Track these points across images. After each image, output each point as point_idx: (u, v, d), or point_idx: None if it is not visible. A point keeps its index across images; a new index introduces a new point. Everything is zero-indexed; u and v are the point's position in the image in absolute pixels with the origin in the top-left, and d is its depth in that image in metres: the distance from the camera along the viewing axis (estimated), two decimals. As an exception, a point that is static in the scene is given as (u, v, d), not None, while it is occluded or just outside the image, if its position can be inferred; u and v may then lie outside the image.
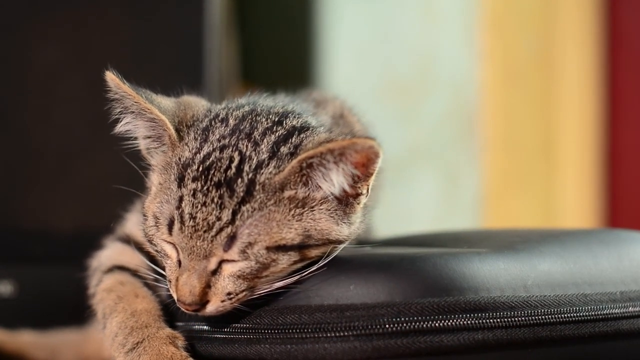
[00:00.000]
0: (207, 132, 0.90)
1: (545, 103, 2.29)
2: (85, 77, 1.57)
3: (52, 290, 1.54)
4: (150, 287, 0.98)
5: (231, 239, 0.84)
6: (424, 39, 2.25)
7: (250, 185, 0.85)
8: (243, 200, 0.85)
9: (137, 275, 0.98)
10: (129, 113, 0.92)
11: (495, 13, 2.20)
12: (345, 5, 2.32)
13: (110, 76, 0.90)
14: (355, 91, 2.02)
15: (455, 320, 0.84)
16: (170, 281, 0.88)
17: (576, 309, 0.90)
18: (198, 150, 0.89)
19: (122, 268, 1.00)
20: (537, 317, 0.88)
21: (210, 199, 0.85)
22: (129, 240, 1.02)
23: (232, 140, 0.88)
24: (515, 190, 2.26)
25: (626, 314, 0.93)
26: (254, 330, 0.87)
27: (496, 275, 0.89)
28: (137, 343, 0.90)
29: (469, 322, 0.85)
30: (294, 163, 0.85)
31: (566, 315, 0.89)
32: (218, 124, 0.91)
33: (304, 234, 0.86)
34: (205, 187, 0.85)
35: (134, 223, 1.02)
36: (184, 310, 0.87)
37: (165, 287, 0.91)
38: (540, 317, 0.88)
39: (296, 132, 0.89)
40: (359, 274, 0.86)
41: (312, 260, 0.87)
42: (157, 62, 1.64)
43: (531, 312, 0.88)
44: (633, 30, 2.42)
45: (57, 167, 1.60)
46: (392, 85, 2.26)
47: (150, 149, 0.94)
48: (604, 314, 0.92)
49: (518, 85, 2.25)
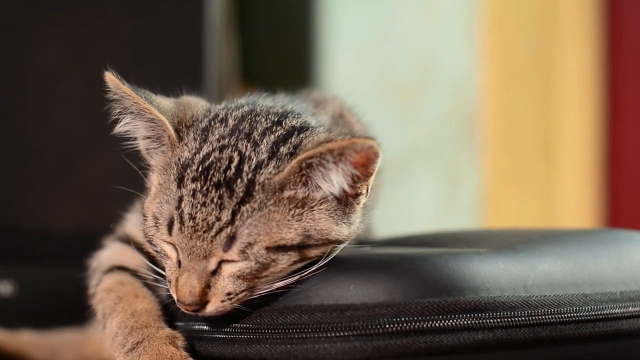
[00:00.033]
0: (207, 133, 0.90)
1: (545, 103, 2.29)
2: (85, 77, 1.56)
3: (52, 290, 1.54)
4: (150, 287, 0.97)
5: (231, 239, 0.84)
6: (424, 39, 2.24)
7: (250, 185, 0.85)
8: (243, 201, 0.85)
9: (137, 275, 0.98)
10: (128, 113, 0.92)
11: (495, 13, 2.20)
12: (345, 5, 2.32)
13: (109, 77, 0.90)
14: (355, 91, 2.02)
15: (455, 320, 0.84)
16: (170, 281, 0.88)
17: (576, 309, 0.90)
18: (197, 150, 0.89)
19: (122, 268, 1.00)
20: (537, 317, 0.88)
21: (209, 199, 0.85)
22: (129, 241, 1.02)
23: (232, 141, 0.88)
24: (515, 190, 2.26)
25: (626, 314, 0.93)
26: (254, 330, 0.87)
27: (496, 275, 0.89)
28: (137, 343, 0.90)
29: (469, 322, 0.85)
30: (293, 163, 0.85)
31: (566, 315, 0.89)
32: (217, 124, 0.91)
33: (303, 234, 0.86)
34: (204, 188, 0.85)
35: (133, 223, 1.02)
36: (183, 310, 0.87)
37: (165, 287, 0.91)
38: (540, 317, 0.88)
39: (295, 132, 0.89)
40: (359, 274, 0.86)
41: (312, 260, 0.87)
42: (157, 62, 1.64)
43: (531, 312, 0.87)
44: (633, 30, 2.42)
45: (57, 167, 1.60)
46: (392, 85, 2.26)
47: (149, 149, 0.94)
48: (604, 314, 0.92)
49: (518, 85, 2.25)
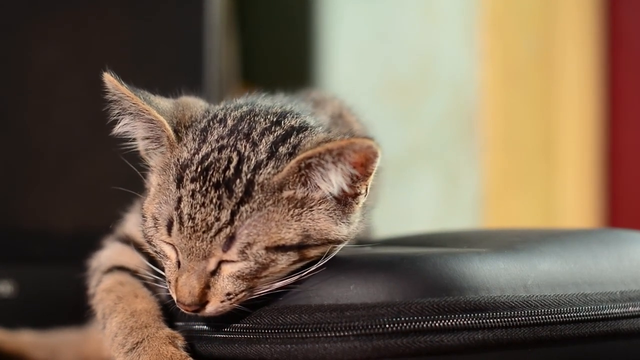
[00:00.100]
0: (206, 133, 0.90)
1: (545, 103, 2.29)
2: (85, 77, 1.56)
3: (52, 290, 1.54)
4: (150, 288, 0.97)
5: (230, 240, 0.84)
6: (424, 39, 2.24)
7: (249, 185, 0.85)
8: (242, 201, 0.84)
9: (137, 275, 0.98)
10: (127, 114, 0.92)
11: (495, 13, 2.20)
12: (345, 5, 2.32)
13: (108, 77, 0.90)
14: (355, 91, 2.01)
15: (455, 320, 0.84)
16: (170, 282, 0.88)
17: (576, 309, 0.90)
18: (196, 151, 0.88)
19: (121, 268, 1.00)
20: (537, 317, 0.88)
21: (209, 200, 0.84)
22: (129, 241, 1.02)
23: (231, 141, 0.88)
24: (515, 190, 2.26)
25: (626, 314, 0.93)
26: (254, 330, 0.87)
27: (496, 275, 0.89)
28: (136, 343, 0.90)
29: (469, 322, 0.85)
30: (292, 163, 0.85)
31: (566, 315, 0.89)
32: (216, 125, 0.91)
33: (303, 234, 0.86)
34: (203, 188, 0.85)
35: (133, 223, 1.02)
36: (183, 310, 0.87)
37: (165, 287, 0.91)
38: (540, 317, 0.88)
39: (294, 132, 0.89)
40: (359, 274, 0.86)
41: (311, 260, 0.87)
42: (157, 62, 1.64)
43: (531, 312, 0.87)
44: (633, 30, 2.42)
45: (57, 167, 1.60)
46: (392, 85, 2.26)
47: (148, 150, 0.94)
48: (604, 314, 0.92)
49: (518, 85, 2.25)
